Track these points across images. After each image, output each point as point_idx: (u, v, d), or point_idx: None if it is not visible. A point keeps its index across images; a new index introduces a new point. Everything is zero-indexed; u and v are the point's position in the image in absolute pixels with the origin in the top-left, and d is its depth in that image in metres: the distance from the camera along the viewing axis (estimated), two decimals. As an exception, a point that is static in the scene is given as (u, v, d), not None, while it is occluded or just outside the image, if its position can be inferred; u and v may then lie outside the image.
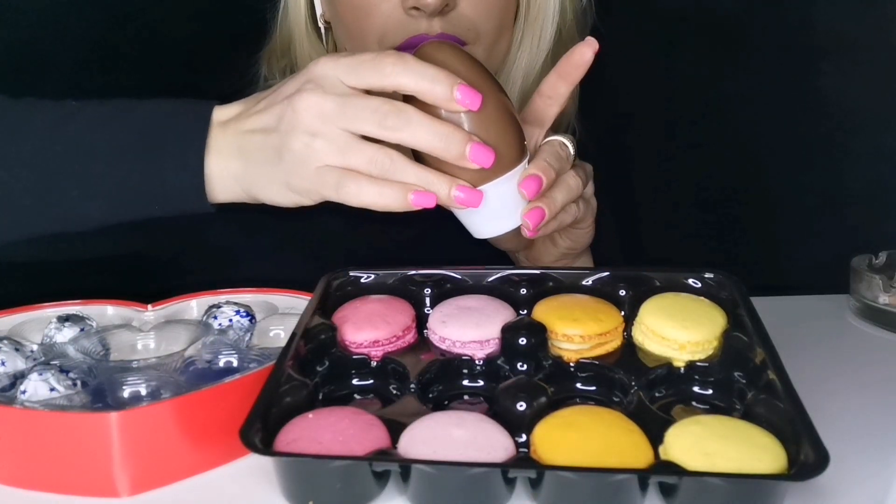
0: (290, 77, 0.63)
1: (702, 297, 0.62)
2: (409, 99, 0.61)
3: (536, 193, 0.64)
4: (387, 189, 0.60)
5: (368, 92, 0.60)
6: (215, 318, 0.65)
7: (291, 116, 0.60)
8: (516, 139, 0.63)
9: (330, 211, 0.64)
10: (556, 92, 0.68)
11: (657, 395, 0.57)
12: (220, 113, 0.65)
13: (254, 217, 0.82)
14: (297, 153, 0.60)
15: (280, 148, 0.60)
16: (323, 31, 0.84)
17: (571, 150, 0.68)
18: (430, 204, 0.60)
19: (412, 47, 0.66)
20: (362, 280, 0.67)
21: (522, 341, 0.58)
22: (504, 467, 0.48)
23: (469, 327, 0.60)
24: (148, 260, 0.83)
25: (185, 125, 0.64)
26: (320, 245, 0.83)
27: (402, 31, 0.74)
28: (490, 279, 0.66)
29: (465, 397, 0.59)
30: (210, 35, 0.96)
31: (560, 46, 0.84)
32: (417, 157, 0.63)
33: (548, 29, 0.81)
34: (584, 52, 0.66)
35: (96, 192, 0.64)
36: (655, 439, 0.49)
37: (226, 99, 0.66)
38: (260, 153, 0.62)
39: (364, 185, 0.59)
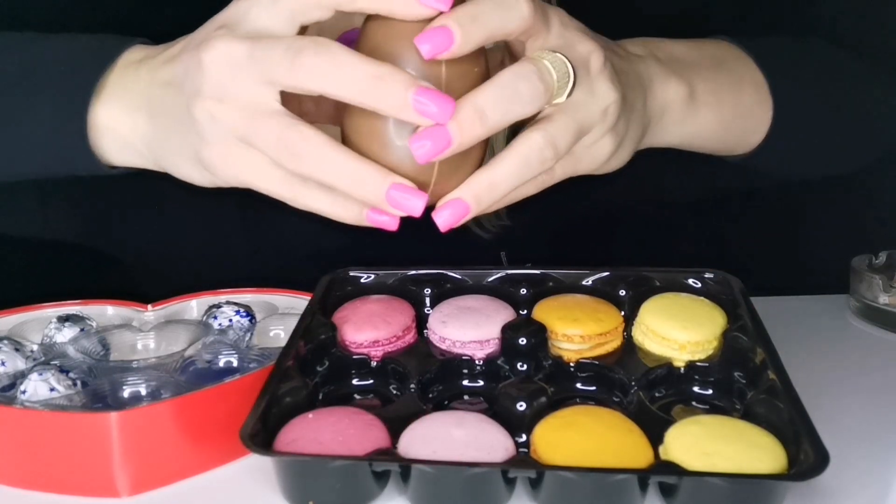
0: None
1: (702, 297, 0.62)
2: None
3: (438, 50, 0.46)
4: (339, 200, 0.48)
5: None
6: (215, 318, 0.65)
7: (195, 72, 0.48)
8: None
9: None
10: None
11: (657, 395, 0.57)
12: (136, 52, 0.54)
13: (249, 216, 0.82)
14: (201, 123, 0.48)
15: (186, 114, 0.49)
16: None
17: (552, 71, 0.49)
18: (389, 226, 0.49)
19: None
20: (362, 280, 0.67)
21: (522, 341, 0.58)
22: (504, 467, 0.48)
23: (469, 327, 0.60)
24: (146, 261, 0.82)
25: (81, 61, 0.53)
26: (315, 245, 0.83)
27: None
28: (490, 279, 0.66)
29: (465, 397, 0.59)
30: None
31: None
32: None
33: None
34: None
35: None
36: (655, 439, 0.49)
37: None
38: (168, 114, 0.51)
39: (272, 178, 0.48)
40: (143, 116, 0.53)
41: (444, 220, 0.49)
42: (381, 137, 0.48)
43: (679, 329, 0.58)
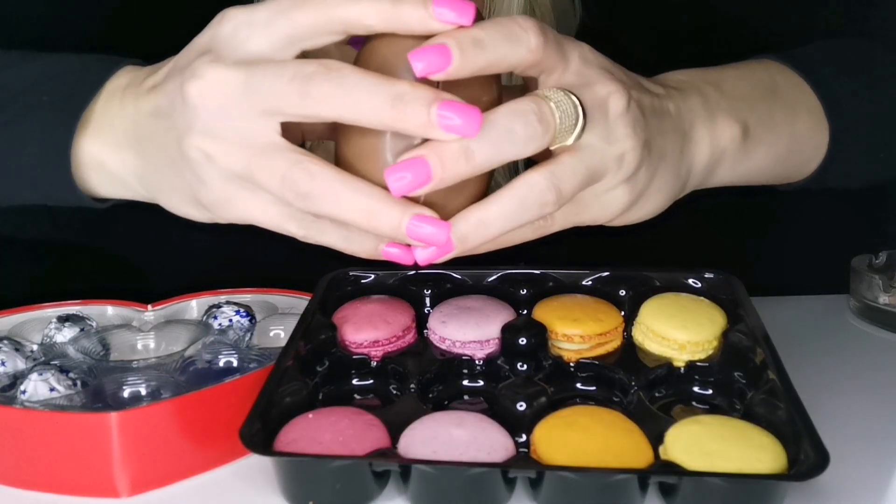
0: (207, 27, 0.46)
1: (702, 297, 0.62)
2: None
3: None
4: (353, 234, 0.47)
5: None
6: (215, 318, 0.65)
7: (182, 106, 0.44)
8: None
9: None
10: None
11: (657, 395, 0.57)
12: (122, 77, 0.50)
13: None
14: (195, 163, 0.45)
15: (178, 153, 0.45)
16: None
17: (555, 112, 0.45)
18: (405, 260, 0.48)
19: None
20: (362, 280, 0.67)
21: (522, 341, 0.58)
22: (504, 467, 0.48)
23: (469, 327, 0.60)
24: (147, 260, 0.82)
25: (65, 89, 0.50)
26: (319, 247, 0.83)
27: None
28: (490, 279, 0.66)
29: (465, 397, 0.59)
30: None
31: None
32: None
33: (514, 6, 0.74)
34: None
35: None
36: (655, 439, 0.49)
37: None
38: (159, 150, 0.47)
39: (278, 215, 0.46)
40: (131, 152, 0.50)
41: (424, 256, 0.46)
42: (381, 157, 0.45)
43: (679, 329, 0.58)
